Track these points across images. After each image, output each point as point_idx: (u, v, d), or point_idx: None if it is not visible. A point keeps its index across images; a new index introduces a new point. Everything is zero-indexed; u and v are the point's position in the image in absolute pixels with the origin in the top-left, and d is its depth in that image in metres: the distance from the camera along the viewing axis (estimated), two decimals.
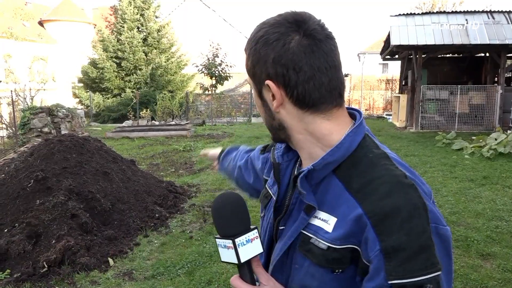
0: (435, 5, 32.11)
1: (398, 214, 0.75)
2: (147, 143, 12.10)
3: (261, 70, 0.88)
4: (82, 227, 4.43)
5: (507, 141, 9.30)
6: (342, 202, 0.82)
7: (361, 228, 0.78)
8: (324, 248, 0.82)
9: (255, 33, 0.90)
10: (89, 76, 23.25)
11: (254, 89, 0.95)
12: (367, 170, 0.83)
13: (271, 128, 0.95)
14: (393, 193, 0.78)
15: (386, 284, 0.74)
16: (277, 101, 0.88)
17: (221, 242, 0.87)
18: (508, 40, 12.85)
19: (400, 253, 0.74)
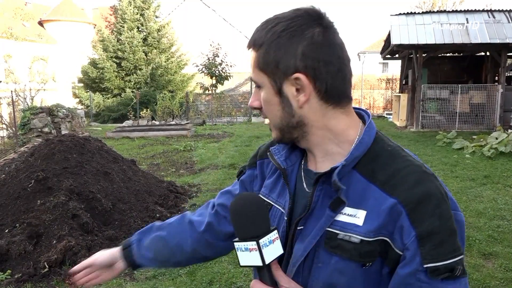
0: (435, 4, 32.11)
1: (430, 201, 0.80)
2: (147, 143, 12.09)
3: (287, 64, 0.86)
4: (83, 227, 4.42)
5: (508, 140, 9.30)
6: (369, 195, 0.83)
7: (395, 217, 0.80)
8: (357, 242, 0.82)
9: (271, 26, 0.87)
10: (89, 76, 23.24)
11: (270, 86, 0.89)
12: (389, 162, 0.86)
13: (286, 127, 0.91)
14: (421, 181, 0.82)
15: (421, 268, 0.78)
16: (305, 95, 0.87)
17: (241, 245, 0.83)
18: (509, 39, 12.84)
19: (434, 237, 0.78)
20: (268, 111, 0.93)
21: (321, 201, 0.89)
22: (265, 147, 1.13)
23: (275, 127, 0.94)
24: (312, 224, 0.89)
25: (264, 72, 0.89)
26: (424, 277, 0.78)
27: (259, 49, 0.88)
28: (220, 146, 11.22)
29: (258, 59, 0.89)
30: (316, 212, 0.89)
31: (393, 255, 0.81)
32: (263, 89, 0.91)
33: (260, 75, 0.90)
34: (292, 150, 1.01)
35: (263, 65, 0.89)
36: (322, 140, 0.91)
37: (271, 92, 0.90)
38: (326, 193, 0.88)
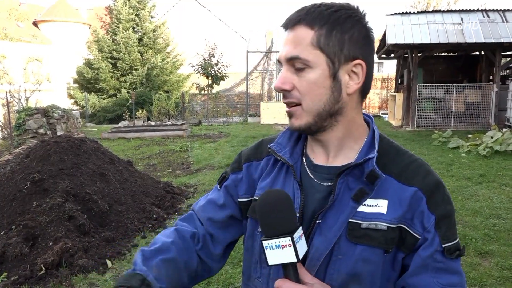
0: (430, 4, 32.22)
1: (439, 188, 0.91)
2: (143, 144, 12.06)
3: (351, 49, 0.88)
4: (80, 229, 4.40)
5: (503, 139, 9.35)
6: (387, 186, 0.90)
7: (416, 204, 0.89)
8: (384, 229, 0.88)
9: (333, 10, 0.88)
10: (84, 77, 23.17)
11: (326, 67, 0.88)
12: (397, 157, 0.94)
13: (327, 113, 0.90)
14: (430, 172, 0.93)
15: (440, 248, 0.88)
16: (357, 83, 0.90)
17: (272, 243, 0.81)
18: (503, 38, 12.91)
19: (447, 220, 0.90)
20: (311, 94, 0.89)
21: (342, 194, 0.91)
22: (250, 150, 1.12)
23: (311, 112, 0.90)
24: (333, 216, 0.90)
25: (324, 52, 0.87)
26: (440, 257, 0.88)
27: (320, 29, 0.87)
28: (216, 147, 11.20)
29: (318, 38, 0.87)
30: (337, 204, 0.90)
31: (410, 240, 0.88)
32: (312, 70, 0.88)
33: (317, 55, 0.87)
34: (294, 147, 1.01)
35: (324, 45, 0.87)
36: (344, 134, 0.94)
37: (325, 74, 0.88)
38: (347, 185, 0.91)
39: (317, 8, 0.89)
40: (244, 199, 1.07)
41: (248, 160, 1.09)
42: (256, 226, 1.01)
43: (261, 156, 1.08)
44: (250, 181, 1.07)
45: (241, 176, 1.08)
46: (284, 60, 0.90)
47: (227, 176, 1.11)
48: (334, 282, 0.90)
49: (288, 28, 0.91)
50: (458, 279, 0.90)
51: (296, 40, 0.88)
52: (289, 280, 0.84)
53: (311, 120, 0.91)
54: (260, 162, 1.07)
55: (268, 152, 1.06)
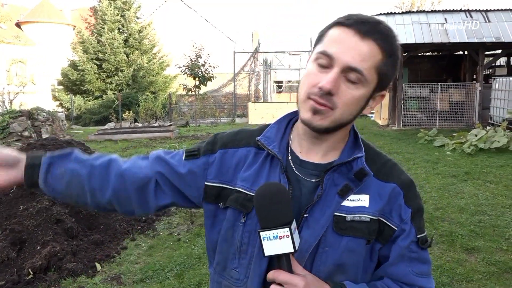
0: (414, 4, 32.62)
1: (412, 185, 1.02)
2: (130, 146, 11.97)
3: (389, 82, 0.98)
4: (68, 232, 4.35)
5: (487, 137, 9.52)
6: (368, 182, 0.97)
7: (395, 198, 0.98)
8: (368, 221, 0.95)
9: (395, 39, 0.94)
10: (69, 79, 22.91)
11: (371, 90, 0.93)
12: (375, 157, 1.03)
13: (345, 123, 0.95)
14: (402, 171, 1.04)
15: (415, 239, 0.99)
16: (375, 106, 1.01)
17: (269, 234, 0.84)
18: (486, 38, 13.14)
19: (420, 213, 1.01)
20: (349, 106, 0.92)
21: (328, 189, 0.96)
22: (227, 136, 1.10)
23: (339, 120, 0.93)
24: (319, 210, 0.95)
25: (379, 77, 0.93)
26: (415, 247, 0.99)
27: (388, 57, 0.92)
28: None
29: (382, 64, 0.91)
30: (323, 199, 0.96)
31: (388, 231, 0.97)
32: (362, 88, 0.91)
33: (373, 77, 0.92)
34: (281, 142, 1.03)
35: (383, 72, 0.93)
36: (340, 137, 1.01)
37: (367, 95, 0.94)
38: (333, 181, 0.97)
39: (389, 32, 0.93)
40: (212, 183, 1.04)
41: (224, 146, 1.07)
42: (239, 218, 1.00)
43: (239, 143, 1.07)
44: (222, 167, 1.05)
45: (213, 159, 1.06)
46: (342, 65, 0.89)
47: (199, 155, 1.07)
48: (321, 273, 0.94)
49: (358, 34, 0.89)
50: (427, 268, 1.02)
51: (365, 54, 0.89)
52: (283, 271, 0.87)
53: (332, 125, 0.93)
54: (238, 149, 1.06)
55: (248, 143, 1.06)
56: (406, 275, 0.99)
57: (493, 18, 13.82)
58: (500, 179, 6.86)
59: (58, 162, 1.07)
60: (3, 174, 1.03)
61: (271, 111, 17.85)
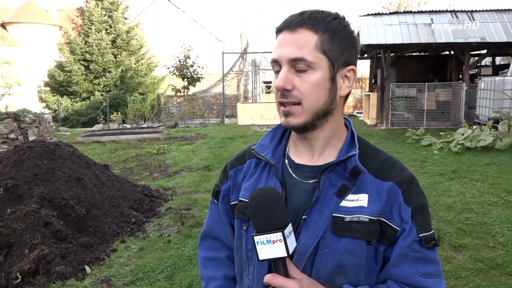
0: (401, 5, 32.90)
1: (414, 182, 0.99)
2: (119, 147, 11.88)
3: (349, 56, 0.97)
4: (56, 235, 4.31)
5: (473, 136, 9.65)
6: (366, 182, 0.96)
7: (393, 197, 0.96)
8: (367, 221, 0.94)
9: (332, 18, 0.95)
10: (56, 80, 22.63)
11: (327, 70, 0.94)
12: (374, 154, 1.02)
13: (322, 112, 0.96)
14: (403, 168, 1.01)
15: (417, 238, 0.95)
16: (349, 86, 0.99)
17: (263, 239, 0.85)
18: (471, 38, 13.32)
19: (422, 211, 0.97)
20: (312, 94, 0.94)
21: (325, 190, 0.96)
22: (233, 158, 1.18)
23: (310, 111, 0.95)
24: (318, 212, 0.95)
25: (326, 55, 0.93)
26: (418, 246, 0.95)
27: (323, 34, 0.93)
28: (194, 148, 11.15)
29: (321, 43, 0.93)
30: (320, 200, 0.96)
31: (390, 232, 0.95)
32: (314, 72, 0.93)
33: (320, 58, 0.93)
34: (276, 148, 1.06)
35: (327, 50, 0.93)
36: (331, 133, 1.01)
37: (326, 77, 0.94)
38: (330, 182, 0.97)
39: (318, 14, 0.94)
40: (233, 202, 1.12)
41: (232, 166, 1.16)
42: (242, 226, 1.06)
43: (244, 159, 1.14)
44: (236, 185, 1.12)
45: (229, 183, 1.15)
46: (286, 61, 0.93)
47: (220, 189, 1.17)
48: (321, 274, 0.94)
49: (289, 30, 0.94)
50: (435, 268, 0.98)
51: (299, 42, 0.92)
52: (279, 275, 0.87)
53: (309, 118, 0.95)
54: (243, 165, 1.13)
55: (250, 155, 1.12)
56: (411, 276, 0.95)
57: (478, 18, 14.03)
58: (486, 177, 6.97)
59: None
60: None
61: (260, 111, 17.87)
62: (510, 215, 5.13)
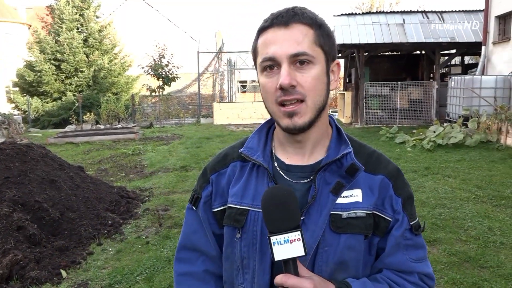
0: (373, 5, 33.48)
1: (400, 173, 1.02)
2: (93, 148, 11.65)
3: (335, 51, 0.98)
4: (30, 239, 4.19)
5: (444, 133, 9.92)
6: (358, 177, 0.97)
7: (384, 190, 0.98)
8: (363, 216, 0.95)
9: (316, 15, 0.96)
10: (26, 80, 21.94)
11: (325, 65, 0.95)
12: (360, 149, 1.03)
13: (322, 108, 0.96)
14: (388, 160, 1.04)
15: (408, 226, 0.99)
16: (336, 80, 1.00)
17: (280, 239, 0.82)
18: (442, 38, 13.70)
19: (410, 201, 1.02)
20: (315, 89, 0.93)
21: (321, 189, 0.96)
22: (213, 161, 1.12)
23: (314, 108, 0.93)
24: (316, 211, 0.95)
25: (323, 50, 0.94)
26: (409, 234, 1.00)
27: (319, 29, 0.94)
28: (170, 149, 11.04)
29: (318, 37, 0.93)
30: (317, 200, 0.95)
31: (383, 224, 0.98)
32: (314, 67, 0.92)
33: (318, 51, 0.93)
34: (264, 151, 1.03)
35: (324, 44, 0.94)
36: (321, 130, 1.01)
37: (324, 71, 0.95)
38: (325, 180, 0.97)
39: (305, 11, 0.94)
40: (217, 208, 1.07)
41: (214, 170, 1.09)
42: (235, 234, 1.01)
43: (226, 162, 1.09)
44: (219, 190, 1.07)
45: (210, 189, 1.09)
46: (286, 57, 0.90)
47: (200, 195, 1.10)
48: (323, 272, 0.93)
49: (282, 26, 0.91)
50: (423, 252, 1.04)
51: (297, 37, 0.91)
52: (291, 275, 0.85)
53: (312, 116, 0.94)
54: (226, 169, 1.07)
55: (233, 158, 1.07)
56: (404, 263, 0.99)
57: (448, 19, 14.43)
58: (457, 173, 7.17)
59: None
60: None
61: (236, 111, 17.86)
62: (481, 210, 5.30)
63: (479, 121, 10.35)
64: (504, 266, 3.81)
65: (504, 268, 3.76)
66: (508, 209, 5.32)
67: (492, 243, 4.30)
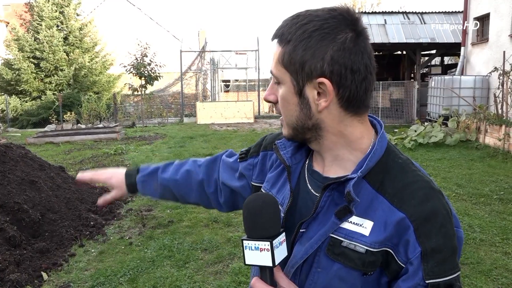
0: (355, 5, 33.83)
1: (436, 219, 0.81)
2: (74, 148, 11.47)
3: (313, 67, 0.82)
4: (10, 241, 4.10)
5: (425, 132, 10.09)
6: (377, 206, 0.83)
7: (402, 231, 0.81)
8: (363, 252, 0.82)
9: (303, 23, 0.83)
10: (4, 78, 21.46)
11: (291, 85, 0.86)
12: (398, 175, 0.86)
13: (301, 128, 0.89)
14: (430, 198, 0.82)
15: (423, 283, 0.80)
16: (326, 101, 0.84)
17: (251, 244, 0.82)
18: (422, 39, 13.93)
19: (438, 255, 0.80)
20: (284, 109, 0.90)
21: (327, 207, 0.87)
22: (271, 138, 1.11)
23: (288, 125, 0.92)
24: (315, 228, 0.88)
25: (287, 69, 0.86)
26: None
27: (286, 45, 0.85)
28: (153, 148, 10.95)
29: (283, 55, 0.85)
30: (321, 217, 0.88)
31: (395, 266, 0.82)
32: (282, 86, 0.88)
33: (282, 72, 0.87)
34: (298, 148, 0.99)
35: (287, 63, 0.85)
36: (335, 146, 0.89)
37: (291, 91, 0.87)
38: (333, 200, 0.87)
39: (290, 22, 0.86)
40: (256, 183, 1.09)
41: (265, 148, 1.11)
42: None
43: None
44: (263, 168, 1.09)
45: (257, 161, 1.11)
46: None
47: (246, 157, 1.15)
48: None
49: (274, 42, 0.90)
50: None
51: (273, 55, 0.90)
52: (263, 281, 0.83)
53: (291, 132, 0.92)
54: (273, 152, 1.06)
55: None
56: None
57: (428, 20, 14.68)
58: (438, 172, 7.30)
59: (150, 179, 1.28)
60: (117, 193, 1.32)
61: (220, 110, 17.81)
62: (461, 207, 5.41)
63: (458, 121, 10.56)
64: (483, 262, 3.89)
65: (483, 264, 3.85)
66: (487, 207, 5.44)
67: (472, 240, 4.40)
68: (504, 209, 5.33)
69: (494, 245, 4.29)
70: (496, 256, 4.02)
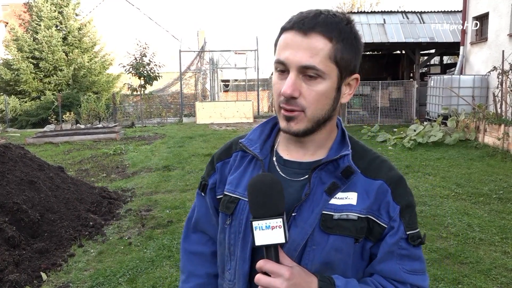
0: (354, 5, 33.82)
1: (402, 182, 1.00)
2: (73, 148, 11.46)
3: (355, 64, 0.95)
4: (9, 241, 4.10)
5: (424, 132, 10.09)
6: (355, 180, 0.97)
7: (382, 196, 0.97)
8: (355, 219, 0.94)
9: (344, 24, 0.93)
10: (3, 78, 21.43)
11: (336, 80, 0.93)
12: (363, 153, 1.03)
13: (324, 119, 0.96)
14: (392, 167, 1.02)
15: (404, 235, 0.97)
16: (350, 93, 0.99)
17: (261, 224, 0.84)
18: (421, 38, 13.93)
19: (410, 210, 0.99)
20: (318, 103, 0.92)
21: (315, 188, 0.96)
22: (220, 150, 1.16)
23: (312, 120, 0.94)
24: (307, 209, 0.95)
25: (337, 66, 0.92)
26: (405, 244, 0.98)
27: (337, 42, 0.90)
28: (152, 148, 10.94)
29: (334, 52, 0.90)
30: (311, 197, 0.95)
31: (378, 229, 0.97)
32: (323, 81, 0.91)
33: (331, 68, 0.91)
34: (264, 143, 1.05)
35: (339, 59, 0.91)
36: (326, 135, 1.01)
37: (333, 86, 0.93)
38: (321, 179, 0.96)
39: (332, 18, 0.91)
40: (219, 196, 1.11)
41: (219, 159, 1.14)
42: (225, 220, 1.05)
43: (230, 152, 1.12)
44: (223, 179, 1.11)
45: (216, 176, 1.13)
46: (296, 67, 0.90)
47: (207, 182, 1.15)
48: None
49: (301, 32, 0.89)
50: (420, 265, 1.01)
51: (312, 49, 0.89)
52: (270, 261, 0.87)
53: (310, 126, 0.95)
54: (230, 159, 1.11)
55: (236, 148, 1.10)
56: (396, 272, 0.98)
57: (427, 19, 14.68)
58: (437, 171, 7.31)
59: None
60: None
61: (219, 110, 17.80)
62: (460, 207, 5.41)
63: (457, 120, 10.56)
64: (483, 261, 3.90)
65: (483, 264, 3.85)
66: (486, 206, 5.44)
67: (471, 239, 4.40)
68: (503, 208, 5.33)
69: (493, 244, 4.29)
70: (495, 255, 4.03)
